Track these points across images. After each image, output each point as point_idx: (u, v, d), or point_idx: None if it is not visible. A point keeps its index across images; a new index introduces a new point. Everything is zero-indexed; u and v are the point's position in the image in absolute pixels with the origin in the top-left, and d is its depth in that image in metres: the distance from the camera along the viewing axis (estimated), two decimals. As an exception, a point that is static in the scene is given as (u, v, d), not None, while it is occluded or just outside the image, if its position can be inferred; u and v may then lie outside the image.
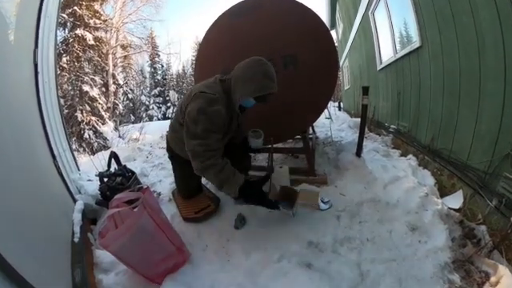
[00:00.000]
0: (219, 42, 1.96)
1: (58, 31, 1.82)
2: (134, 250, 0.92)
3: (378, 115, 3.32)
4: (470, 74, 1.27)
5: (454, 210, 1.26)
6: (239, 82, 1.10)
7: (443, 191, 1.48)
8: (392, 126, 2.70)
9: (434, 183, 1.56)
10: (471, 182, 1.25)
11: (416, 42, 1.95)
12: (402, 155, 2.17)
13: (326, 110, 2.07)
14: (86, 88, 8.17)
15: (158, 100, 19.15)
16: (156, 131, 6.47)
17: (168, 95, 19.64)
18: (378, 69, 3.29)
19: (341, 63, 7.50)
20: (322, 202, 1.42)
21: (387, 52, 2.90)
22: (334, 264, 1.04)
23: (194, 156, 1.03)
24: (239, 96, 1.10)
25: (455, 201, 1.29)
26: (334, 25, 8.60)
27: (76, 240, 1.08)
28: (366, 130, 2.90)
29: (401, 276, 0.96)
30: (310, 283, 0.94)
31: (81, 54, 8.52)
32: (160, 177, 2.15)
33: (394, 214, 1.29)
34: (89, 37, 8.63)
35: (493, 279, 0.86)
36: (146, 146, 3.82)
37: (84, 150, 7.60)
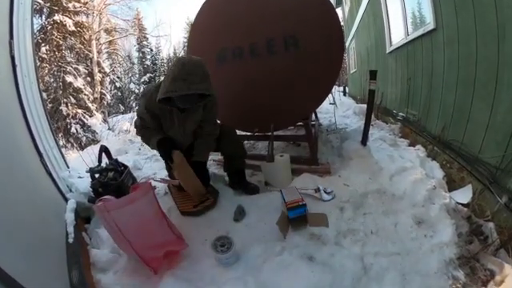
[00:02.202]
0: (214, 22, 1.89)
1: (34, 19, 1.75)
2: (134, 223, 0.98)
3: (385, 102, 3.30)
4: (487, 62, 1.25)
5: (462, 204, 1.28)
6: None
7: (452, 185, 1.50)
8: (400, 114, 2.69)
9: (442, 176, 1.58)
10: (481, 177, 1.26)
11: (430, 23, 1.89)
12: (410, 145, 2.19)
13: (329, 95, 2.05)
14: (69, 79, 7.99)
15: (148, 87, 18.73)
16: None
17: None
18: (387, 51, 3.22)
19: (347, 44, 7.32)
20: (325, 192, 1.44)
21: (398, 33, 2.82)
22: (336, 257, 1.06)
23: (134, 125, 1.50)
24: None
25: (464, 195, 1.31)
26: (339, 2, 8.31)
27: (71, 241, 1.11)
28: (373, 117, 2.89)
29: (404, 270, 0.99)
30: (312, 276, 0.97)
31: (61, 42, 8.23)
32: (154, 169, 2.18)
33: (399, 207, 1.32)
34: (69, 22, 8.29)
35: (498, 278, 0.89)
36: (137, 138, 3.78)
37: (72, 145, 7.61)
